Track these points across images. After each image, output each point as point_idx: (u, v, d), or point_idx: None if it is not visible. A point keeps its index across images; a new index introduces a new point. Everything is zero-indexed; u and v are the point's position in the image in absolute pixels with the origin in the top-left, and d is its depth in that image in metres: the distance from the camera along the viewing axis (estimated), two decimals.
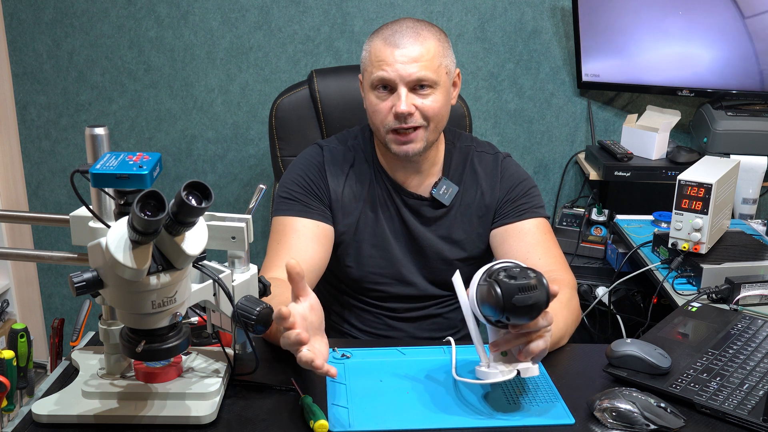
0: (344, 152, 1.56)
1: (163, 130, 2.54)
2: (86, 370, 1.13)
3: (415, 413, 1.09)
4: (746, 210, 2.21)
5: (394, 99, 1.41)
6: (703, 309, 1.44)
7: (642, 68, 2.41)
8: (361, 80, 1.51)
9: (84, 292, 0.92)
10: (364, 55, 1.46)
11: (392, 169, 1.54)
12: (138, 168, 0.92)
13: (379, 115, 1.44)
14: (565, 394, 1.14)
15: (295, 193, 1.50)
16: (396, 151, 1.45)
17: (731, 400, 1.10)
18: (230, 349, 1.19)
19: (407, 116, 1.41)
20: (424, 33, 1.42)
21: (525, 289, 1.01)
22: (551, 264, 1.45)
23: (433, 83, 1.41)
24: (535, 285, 1.02)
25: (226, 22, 2.44)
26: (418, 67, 1.39)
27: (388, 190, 1.55)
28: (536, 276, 1.03)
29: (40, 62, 2.47)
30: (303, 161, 1.56)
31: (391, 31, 1.42)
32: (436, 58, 1.42)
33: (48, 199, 2.61)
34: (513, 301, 1.01)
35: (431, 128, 1.45)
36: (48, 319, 2.72)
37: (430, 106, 1.42)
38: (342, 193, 1.53)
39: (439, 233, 1.56)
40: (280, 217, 1.50)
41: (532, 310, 1.03)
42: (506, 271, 1.05)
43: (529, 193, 1.55)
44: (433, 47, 1.41)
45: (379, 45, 1.42)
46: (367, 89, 1.46)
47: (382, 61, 1.40)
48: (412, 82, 1.40)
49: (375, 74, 1.41)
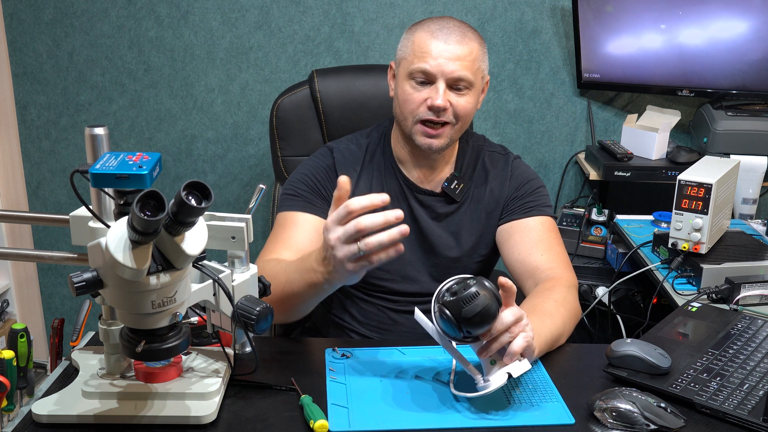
0: (355, 152, 1.57)
1: (163, 130, 2.54)
2: (86, 370, 1.13)
3: (414, 413, 1.09)
4: (746, 210, 2.21)
5: (430, 92, 1.43)
6: (703, 309, 1.44)
7: (642, 68, 2.41)
8: (392, 67, 1.53)
9: (84, 292, 0.92)
10: (405, 44, 1.47)
11: (406, 164, 1.56)
12: (138, 168, 0.92)
13: (410, 105, 1.45)
14: (565, 394, 1.14)
15: (299, 190, 1.52)
16: (421, 143, 1.46)
17: (731, 400, 1.10)
18: (230, 349, 1.20)
19: (441, 111, 1.42)
20: (469, 34, 1.45)
21: (468, 299, 1.03)
22: (552, 261, 1.45)
23: (469, 84, 1.44)
24: (477, 291, 1.03)
25: (226, 22, 2.44)
26: (460, 66, 1.41)
27: (401, 185, 1.56)
28: (476, 282, 1.04)
29: (40, 62, 2.47)
30: (312, 163, 1.57)
31: (438, 26, 1.44)
32: (477, 60, 1.44)
33: (48, 199, 2.61)
34: (463, 315, 1.03)
35: (458, 127, 1.47)
36: (48, 319, 2.72)
37: (464, 106, 1.44)
38: (354, 192, 1.53)
39: (449, 229, 1.56)
40: (282, 212, 1.51)
41: (485, 315, 1.03)
42: (449, 291, 1.06)
43: (537, 191, 1.56)
44: (476, 50, 1.44)
45: (424, 37, 1.43)
46: (403, 78, 1.47)
47: (426, 53, 1.42)
48: (452, 80, 1.42)
49: (416, 65, 1.43)
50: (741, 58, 2.32)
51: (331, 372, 1.19)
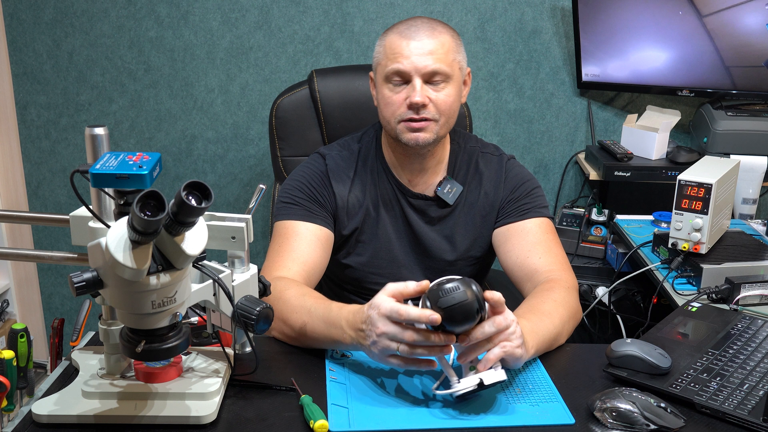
0: (347, 157, 1.56)
1: (163, 130, 2.54)
2: (86, 370, 1.13)
3: (414, 413, 1.09)
4: (746, 210, 2.21)
5: (408, 91, 1.43)
6: (703, 309, 1.44)
7: (642, 68, 2.41)
8: (372, 77, 1.53)
9: (84, 292, 0.92)
10: (378, 50, 1.48)
11: (398, 168, 1.55)
12: (138, 168, 0.92)
13: (391, 107, 1.45)
14: (565, 394, 1.14)
15: (297, 198, 1.51)
16: (407, 139, 1.46)
17: (731, 400, 1.10)
18: (230, 349, 1.19)
19: (421, 107, 1.42)
20: (438, 28, 1.44)
21: (448, 291, 1.03)
22: (551, 263, 1.44)
23: (446, 76, 1.43)
24: (457, 286, 1.03)
25: (226, 22, 2.44)
26: (433, 59, 1.41)
27: (393, 190, 1.55)
28: (462, 280, 1.05)
29: (40, 62, 2.47)
30: (305, 169, 1.56)
31: (406, 26, 1.45)
32: (450, 52, 1.44)
33: (48, 199, 2.61)
34: (438, 305, 1.03)
35: (442, 122, 1.46)
36: (48, 319, 2.72)
37: (443, 100, 1.44)
38: (348, 197, 1.53)
39: (443, 233, 1.56)
40: (282, 221, 1.49)
41: (462, 310, 1.03)
42: (437, 284, 1.06)
43: (533, 193, 1.55)
44: (448, 42, 1.44)
45: (394, 38, 1.44)
46: (381, 83, 1.47)
47: (397, 53, 1.42)
48: (427, 75, 1.42)
49: (390, 66, 1.43)
50: (741, 58, 2.32)
51: (331, 372, 1.19)
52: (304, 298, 1.28)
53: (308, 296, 1.29)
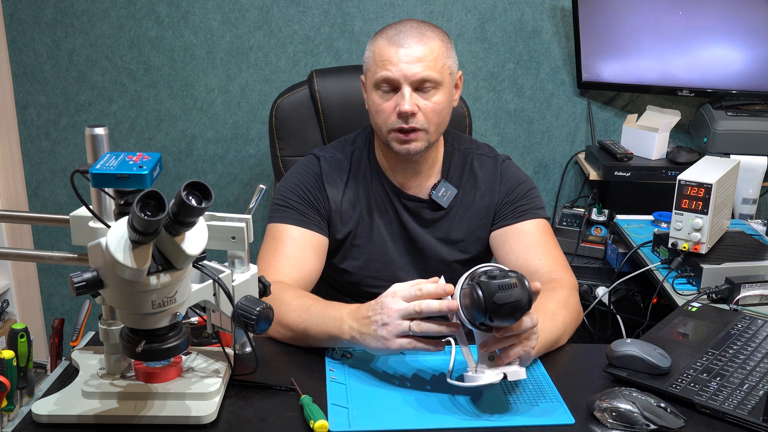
0: (342, 160, 1.56)
1: (163, 130, 2.54)
2: (86, 370, 1.13)
3: (414, 413, 1.09)
4: (746, 210, 2.21)
5: (397, 98, 1.42)
6: (703, 309, 1.44)
7: (642, 68, 2.41)
8: (363, 81, 1.51)
9: (84, 292, 0.92)
10: (368, 55, 1.47)
11: (391, 171, 1.54)
12: (138, 168, 0.92)
13: (382, 115, 1.44)
14: (565, 394, 1.14)
15: (291, 201, 1.50)
16: (398, 149, 1.45)
17: (731, 400, 1.10)
18: (230, 349, 1.20)
19: (410, 116, 1.41)
20: (428, 33, 1.42)
21: (505, 287, 1.02)
22: (551, 264, 1.44)
23: (436, 83, 1.42)
24: (515, 284, 1.02)
25: (226, 22, 2.44)
26: (422, 67, 1.39)
27: (387, 193, 1.55)
28: (516, 276, 1.04)
29: (40, 62, 2.47)
30: (300, 171, 1.55)
31: (395, 31, 1.43)
32: (440, 58, 1.42)
33: (48, 199, 2.61)
34: (494, 300, 1.02)
35: (432, 130, 1.45)
36: (48, 319, 2.72)
37: (433, 108, 1.42)
38: (341, 201, 1.53)
39: (437, 235, 1.56)
40: (275, 224, 1.49)
41: (514, 309, 1.02)
42: (486, 274, 1.05)
43: (529, 194, 1.55)
44: (437, 47, 1.42)
45: (383, 45, 1.42)
46: (371, 89, 1.46)
47: (386, 60, 1.41)
48: (416, 82, 1.40)
49: (379, 74, 1.41)
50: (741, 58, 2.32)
51: (331, 372, 1.19)
52: (303, 298, 1.29)
53: (307, 296, 1.30)
